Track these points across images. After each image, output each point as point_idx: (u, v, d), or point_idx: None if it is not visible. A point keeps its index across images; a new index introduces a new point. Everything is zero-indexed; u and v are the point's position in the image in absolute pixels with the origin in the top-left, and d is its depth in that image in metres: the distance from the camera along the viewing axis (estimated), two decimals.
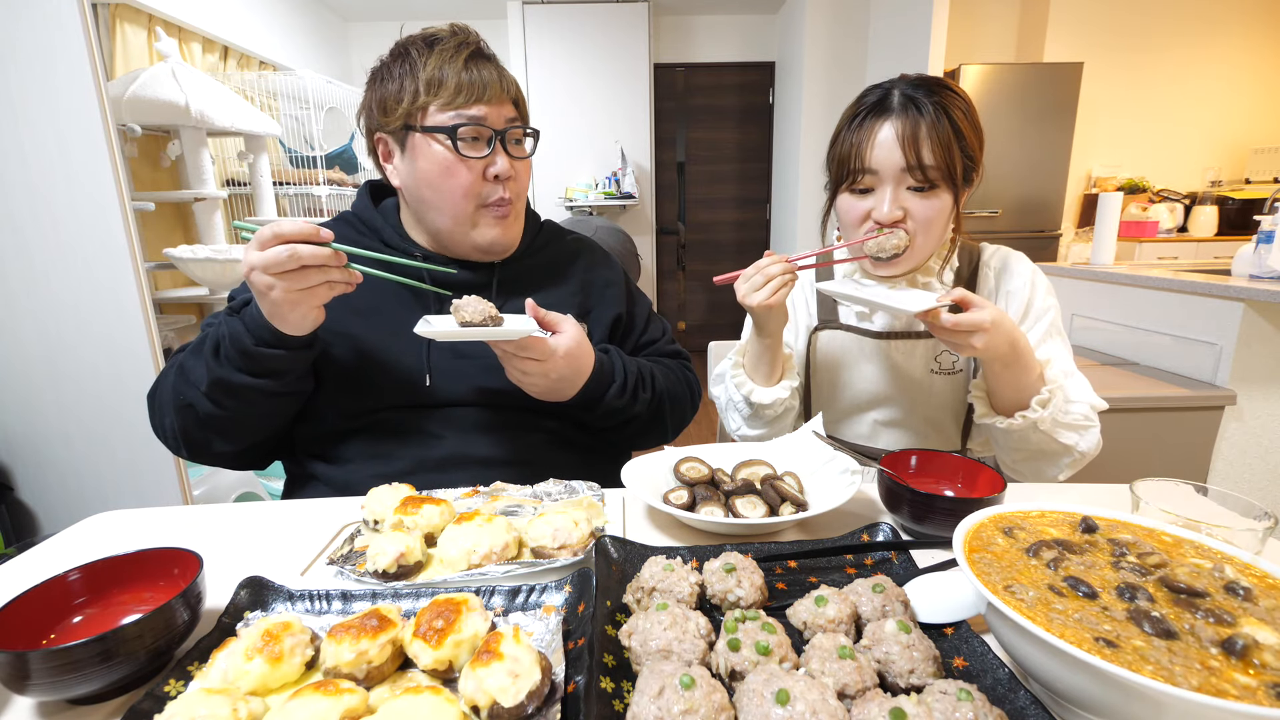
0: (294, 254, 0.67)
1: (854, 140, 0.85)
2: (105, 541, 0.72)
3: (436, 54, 0.83)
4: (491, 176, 0.86)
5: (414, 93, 0.82)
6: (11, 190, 1.54)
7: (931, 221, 0.84)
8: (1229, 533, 0.54)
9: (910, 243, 0.85)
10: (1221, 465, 1.74)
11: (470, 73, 0.83)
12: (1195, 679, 0.36)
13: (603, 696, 0.42)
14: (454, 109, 0.82)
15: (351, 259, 0.73)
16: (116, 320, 1.61)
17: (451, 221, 0.88)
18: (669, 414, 0.97)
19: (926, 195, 0.83)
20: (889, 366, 0.98)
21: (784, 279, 0.83)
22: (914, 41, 3.39)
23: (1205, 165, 4.02)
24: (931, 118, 0.81)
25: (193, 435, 0.82)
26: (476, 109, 0.83)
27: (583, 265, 1.03)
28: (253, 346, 0.74)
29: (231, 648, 0.47)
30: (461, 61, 0.83)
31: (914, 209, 0.84)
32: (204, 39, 2.89)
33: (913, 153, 0.81)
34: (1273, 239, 1.70)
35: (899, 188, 0.84)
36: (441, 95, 0.82)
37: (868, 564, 0.63)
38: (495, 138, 0.85)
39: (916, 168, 0.81)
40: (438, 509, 0.67)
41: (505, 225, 0.90)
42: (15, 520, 1.77)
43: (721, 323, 5.43)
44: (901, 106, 0.83)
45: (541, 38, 4.49)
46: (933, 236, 0.87)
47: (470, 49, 0.84)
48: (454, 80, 0.82)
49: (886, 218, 0.84)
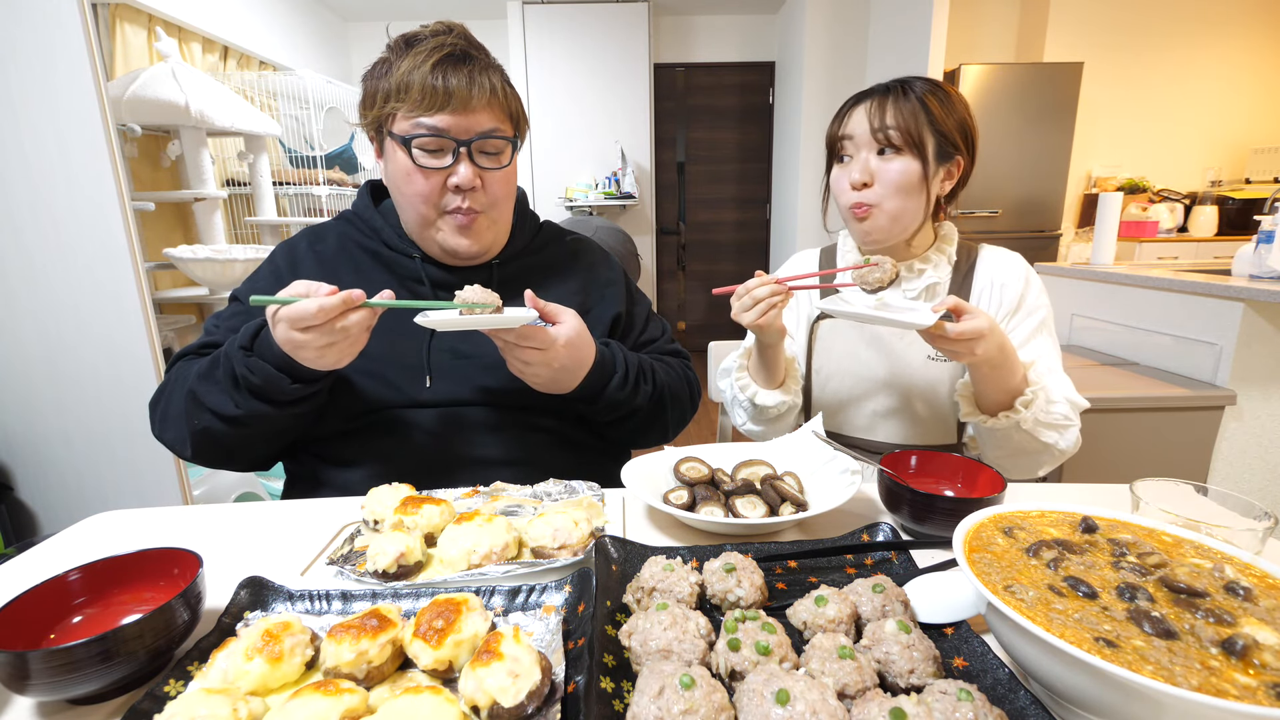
0: (343, 329, 0.68)
1: (841, 117, 0.96)
2: (105, 541, 0.72)
3: (410, 57, 0.81)
4: (452, 187, 0.84)
5: (385, 96, 0.82)
6: (11, 190, 1.54)
7: (897, 185, 0.91)
8: (1229, 533, 0.54)
9: (878, 204, 0.92)
10: (1221, 465, 1.74)
11: (437, 79, 0.79)
12: (1195, 679, 0.36)
13: (603, 696, 0.42)
14: (414, 118, 0.81)
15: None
16: (116, 320, 1.61)
17: (416, 226, 0.88)
18: (670, 409, 0.98)
19: (890, 158, 0.91)
20: (888, 354, 1.00)
21: (772, 300, 0.84)
22: (914, 41, 3.39)
23: (1205, 165, 4.02)
24: (898, 92, 0.91)
25: (209, 454, 0.83)
26: (438, 118, 0.80)
27: (583, 265, 1.03)
28: (289, 386, 0.74)
29: (231, 648, 0.47)
30: (429, 67, 0.80)
31: (879, 171, 0.92)
32: (204, 39, 2.89)
33: (878, 118, 0.90)
34: (1273, 239, 1.70)
35: (870, 153, 0.92)
36: (405, 102, 0.81)
37: (868, 564, 0.63)
38: (459, 148, 0.82)
39: (879, 130, 0.90)
40: (438, 509, 0.67)
41: (471, 234, 0.88)
42: (15, 520, 1.77)
43: (721, 323, 5.43)
44: (879, 89, 0.93)
45: (541, 38, 4.49)
46: (901, 200, 0.92)
47: (444, 52, 0.81)
48: (417, 88, 0.79)
49: (856, 180, 0.92)
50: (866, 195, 0.92)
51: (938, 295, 1.00)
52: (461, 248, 0.88)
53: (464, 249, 0.89)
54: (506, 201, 0.91)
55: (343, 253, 0.94)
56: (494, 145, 0.85)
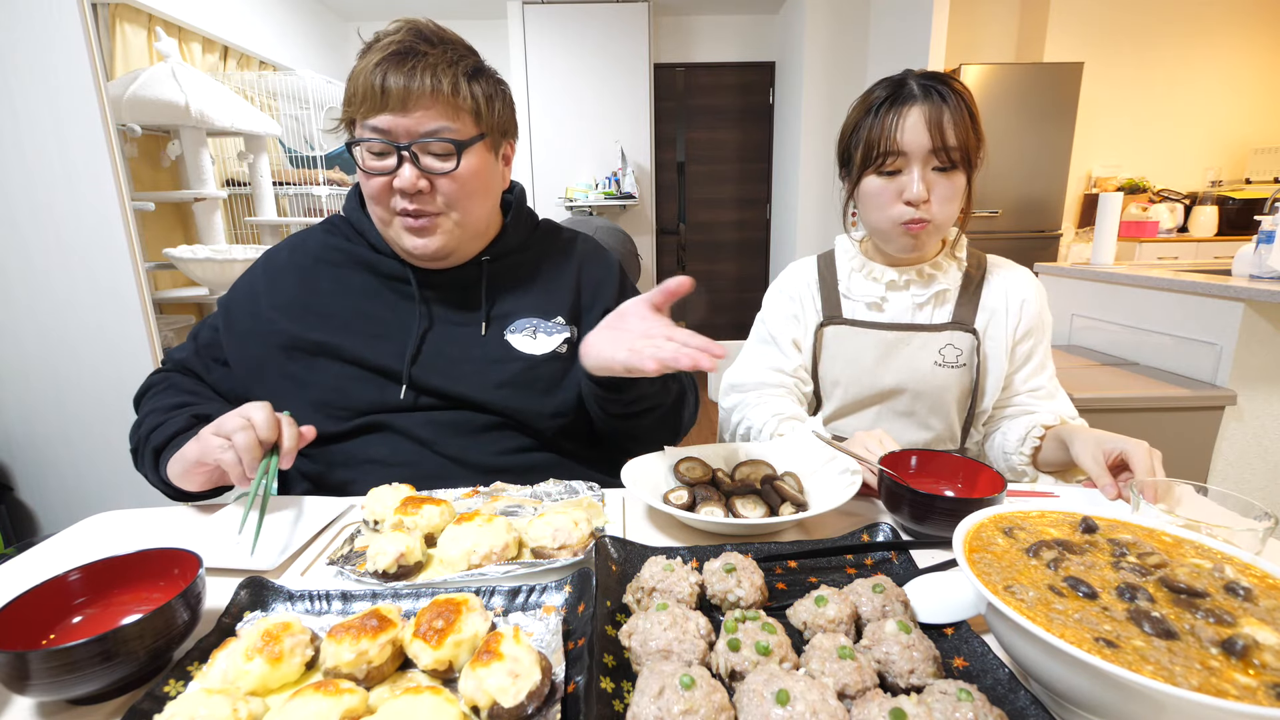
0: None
1: (882, 125, 0.90)
2: (105, 541, 0.72)
3: (362, 60, 0.79)
4: (397, 190, 0.81)
5: (347, 100, 0.82)
6: (11, 190, 1.54)
7: (951, 199, 0.91)
8: (1229, 533, 0.54)
9: (933, 220, 0.91)
10: (1221, 465, 1.74)
11: (376, 78, 0.77)
12: (1195, 679, 0.36)
13: (603, 696, 0.42)
14: (363, 119, 0.80)
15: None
16: (116, 320, 1.62)
17: (380, 227, 0.88)
18: (685, 408, 0.96)
19: (949, 175, 0.90)
20: (895, 359, 1.00)
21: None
22: (914, 41, 3.39)
23: (1205, 165, 4.02)
24: (954, 103, 0.88)
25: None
26: (379, 119, 0.78)
27: (576, 262, 1.01)
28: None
29: (231, 648, 0.47)
30: (372, 66, 0.77)
31: (937, 187, 0.90)
32: (204, 39, 2.89)
33: (939, 135, 0.87)
34: (1273, 239, 1.70)
35: (925, 168, 0.89)
36: (353, 105, 0.80)
37: (868, 564, 0.63)
38: (400, 150, 0.79)
39: (942, 149, 0.87)
40: (438, 509, 0.67)
41: (425, 234, 0.85)
42: (15, 520, 1.77)
43: (722, 323, 5.43)
44: (924, 93, 0.88)
45: (541, 38, 4.49)
46: (950, 213, 0.93)
47: (388, 51, 0.78)
48: (361, 89, 0.78)
49: (917, 197, 0.89)
50: (924, 212, 0.90)
51: (947, 302, 1.00)
52: (416, 248, 0.86)
53: (417, 249, 0.86)
54: (471, 201, 0.86)
55: (322, 261, 0.93)
56: (439, 148, 0.81)
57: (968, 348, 0.97)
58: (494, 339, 0.91)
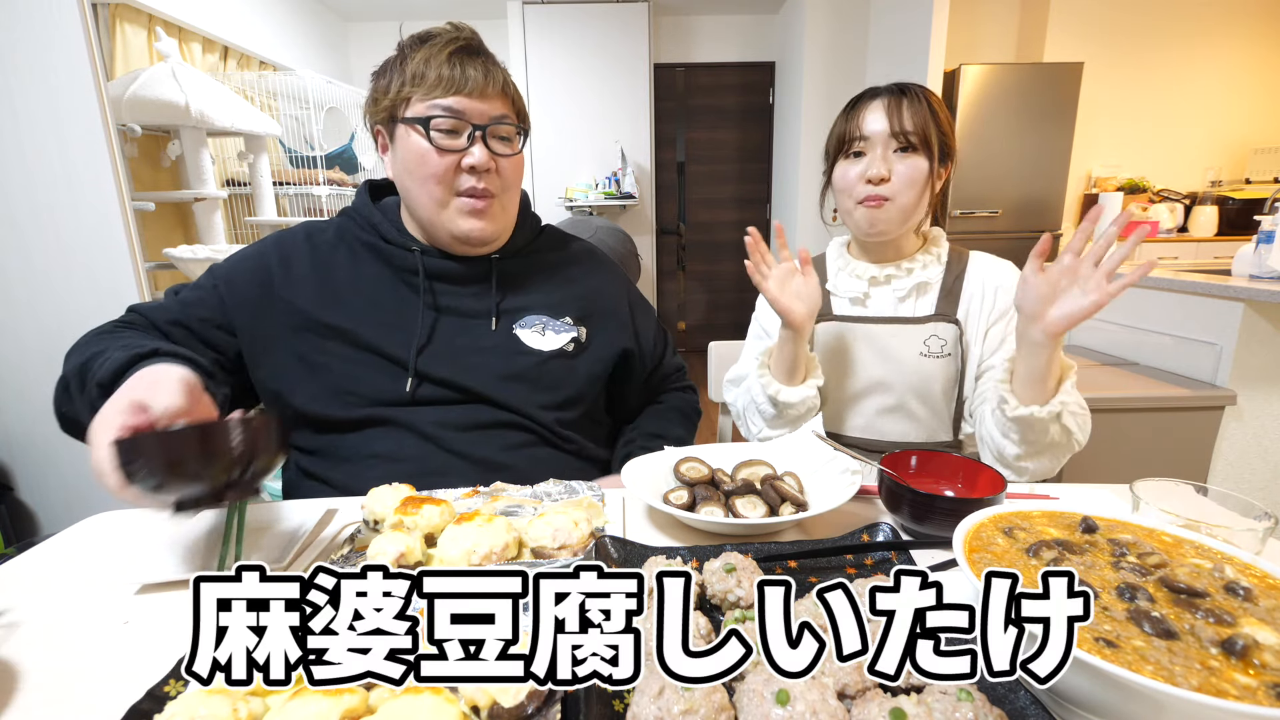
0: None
1: (849, 118, 1.00)
2: (105, 541, 0.72)
3: (425, 49, 0.84)
4: (467, 168, 0.86)
5: (399, 85, 0.84)
6: (11, 190, 1.54)
7: (912, 180, 0.96)
8: (1229, 533, 0.54)
9: (893, 198, 0.97)
10: (1221, 465, 1.74)
11: (453, 67, 0.83)
12: (1195, 679, 0.36)
13: (603, 696, 0.42)
14: (430, 100, 0.83)
15: None
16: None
17: (428, 211, 0.88)
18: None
19: (908, 156, 0.96)
20: (882, 351, 1.01)
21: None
22: (914, 41, 3.39)
23: (1205, 165, 4.02)
24: (914, 94, 0.97)
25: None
26: (453, 100, 0.83)
27: (585, 270, 1.04)
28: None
29: None
30: (445, 56, 0.83)
31: (897, 167, 0.96)
32: (204, 39, 2.89)
33: (897, 120, 0.95)
34: (1273, 239, 1.70)
35: (886, 150, 0.96)
36: (421, 87, 0.83)
37: (868, 564, 0.63)
38: (474, 131, 0.85)
39: (900, 133, 0.95)
40: (438, 509, 0.67)
41: (484, 217, 0.89)
42: (15, 520, 1.77)
43: (721, 323, 5.43)
44: (887, 91, 0.99)
45: (541, 38, 4.49)
46: (911, 195, 0.97)
47: (458, 44, 0.85)
48: (434, 73, 0.83)
49: (875, 175, 0.95)
50: (883, 189, 0.96)
51: (928, 294, 1.03)
52: (474, 230, 0.89)
53: (475, 231, 0.89)
54: (516, 190, 0.94)
55: (340, 244, 0.94)
56: (506, 131, 0.88)
57: (951, 338, 0.99)
58: (503, 333, 0.92)
